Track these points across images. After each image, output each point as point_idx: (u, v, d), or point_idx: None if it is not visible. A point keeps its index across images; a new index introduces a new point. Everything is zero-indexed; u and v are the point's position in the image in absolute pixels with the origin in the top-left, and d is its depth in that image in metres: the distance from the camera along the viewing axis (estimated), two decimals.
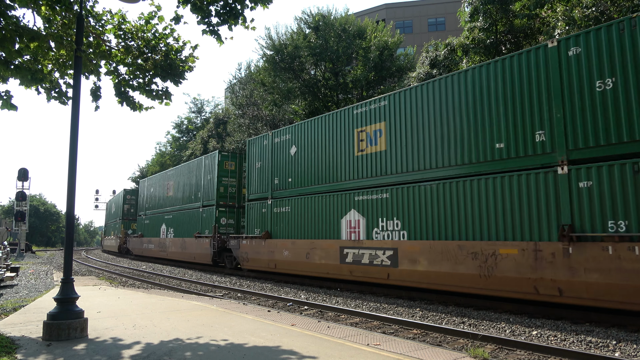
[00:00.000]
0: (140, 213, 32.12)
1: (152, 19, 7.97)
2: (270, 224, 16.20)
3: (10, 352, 5.56)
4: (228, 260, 19.70)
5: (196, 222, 22.52)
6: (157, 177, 29.88)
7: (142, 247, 30.11)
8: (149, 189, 30.87)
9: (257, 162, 17.55)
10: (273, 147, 16.74)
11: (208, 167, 22.01)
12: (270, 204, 16.35)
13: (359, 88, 26.54)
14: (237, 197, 21.33)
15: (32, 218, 70.95)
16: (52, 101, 7.95)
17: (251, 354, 5.57)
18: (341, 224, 13.39)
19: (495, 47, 18.91)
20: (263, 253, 16.26)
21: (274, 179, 16.41)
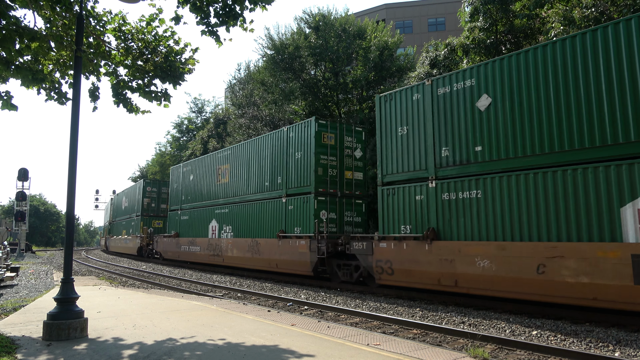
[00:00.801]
0: (173, 207, 26.14)
1: (153, 21, 7.98)
2: (436, 216, 11.08)
3: (11, 352, 5.57)
4: (344, 270, 13.89)
5: (276, 217, 16.84)
6: (201, 162, 23.81)
7: (179, 249, 24.23)
8: (187, 176, 24.98)
9: (401, 126, 12.33)
10: (438, 100, 11.45)
11: (298, 140, 16.28)
12: (434, 187, 11.24)
13: (359, 88, 26.55)
14: (338, 182, 15.79)
15: (32, 218, 70.93)
16: (50, 101, 7.95)
17: (251, 354, 5.57)
18: None
19: (496, 47, 18.91)
20: (426, 262, 10.92)
21: (440, 148, 11.26)
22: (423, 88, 11.85)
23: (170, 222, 26.39)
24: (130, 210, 36.19)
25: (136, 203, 34.25)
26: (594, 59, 8.72)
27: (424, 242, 11.05)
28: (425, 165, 11.58)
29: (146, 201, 32.99)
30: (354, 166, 16.27)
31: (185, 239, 23.76)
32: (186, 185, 25.03)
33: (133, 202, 35.50)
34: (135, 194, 34.99)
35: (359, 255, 12.77)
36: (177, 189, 26.09)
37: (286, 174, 16.56)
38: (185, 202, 24.68)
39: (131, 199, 36.42)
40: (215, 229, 20.98)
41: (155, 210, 33.30)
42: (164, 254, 26.69)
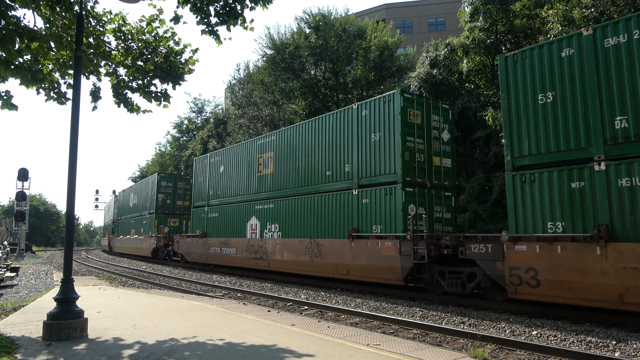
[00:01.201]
0: (199, 203, 22.75)
1: (153, 21, 7.98)
2: (609, 210, 8.32)
3: (10, 352, 5.57)
4: (451, 280, 10.89)
5: (343, 213, 13.72)
6: (235, 150, 20.30)
7: (207, 251, 20.82)
8: (216, 167, 21.57)
9: (543, 92, 9.57)
10: (606, 53, 8.74)
11: (375, 119, 13.25)
12: (603, 169, 8.48)
13: (359, 88, 26.56)
14: (427, 170, 12.87)
15: (32, 218, 70.92)
16: (49, 101, 7.95)
17: (251, 354, 5.57)
18: None
19: (495, 47, 18.91)
20: (598, 272, 8.05)
21: (613, 118, 8.57)
22: (579, 40, 9.15)
23: (194, 220, 22.97)
24: (141, 208, 32.96)
25: (149, 199, 31.07)
26: None
27: (592, 244, 8.19)
28: (587, 141, 8.81)
29: (161, 197, 29.42)
30: (442, 151, 13.47)
31: (215, 240, 20.37)
32: (215, 177, 21.58)
33: (145, 198, 32.32)
34: (148, 190, 31.73)
35: (481, 261, 9.87)
36: (203, 183, 22.64)
37: (358, 160, 13.62)
38: (214, 198, 21.38)
39: (142, 195, 33.26)
40: (256, 228, 17.77)
41: (170, 207, 30.18)
42: (187, 256, 23.11)
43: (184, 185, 30.83)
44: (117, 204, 41.91)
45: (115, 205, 41.91)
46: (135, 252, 32.39)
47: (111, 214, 45.47)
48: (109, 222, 47.23)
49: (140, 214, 33.21)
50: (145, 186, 32.70)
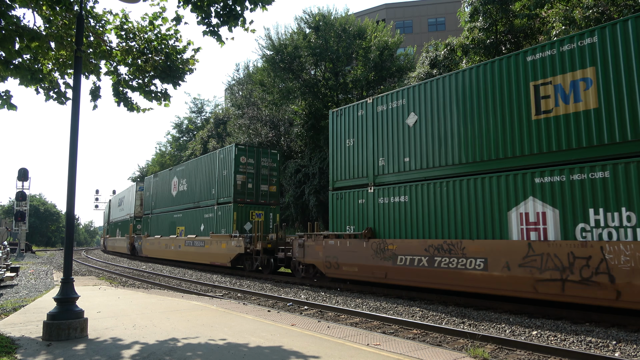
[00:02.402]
0: (346, 183, 14.05)
1: (156, 19, 7.98)
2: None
3: (10, 352, 5.57)
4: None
5: None
6: None
7: (391, 263, 11.89)
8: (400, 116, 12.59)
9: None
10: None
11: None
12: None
13: (359, 88, 26.56)
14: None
15: (32, 218, 70.98)
16: (49, 101, 7.95)
17: (251, 354, 5.57)
18: None
19: (495, 47, 18.92)
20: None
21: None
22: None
23: (338, 209, 14.10)
24: (199, 196, 22.86)
25: (218, 184, 21.17)
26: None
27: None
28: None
29: (240, 179, 19.93)
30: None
31: (418, 243, 11.29)
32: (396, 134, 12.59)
33: (207, 182, 22.23)
34: (214, 169, 21.72)
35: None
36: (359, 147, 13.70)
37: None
38: (395, 170, 12.45)
39: (201, 179, 22.96)
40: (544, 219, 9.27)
41: (252, 194, 20.52)
42: (327, 267, 13.81)
43: (269, 163, 21.16)
44: (140, 194, 32.78)
45: (138, 197, 32.97)
46: (195, 259, 22.14)
47: (129, 208, 35.59)
48: (124, 218, 37.59)
49: (196, 204, 23.24)
50: (209, 164, 22.43)
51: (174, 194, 25.92)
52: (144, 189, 31.29)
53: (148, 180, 30.76)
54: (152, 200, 29.10)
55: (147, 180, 30.89)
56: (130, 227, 33.27)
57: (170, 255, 24.87)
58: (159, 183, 28.30)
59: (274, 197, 20.95)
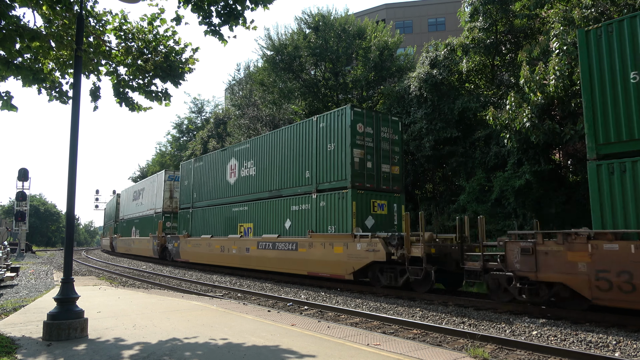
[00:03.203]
0: None
1: (154, 20, 7.98)
2: None
3: (10, 352, 5.57)
4: None
5: None
6: None
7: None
8: None
9: None
10: None
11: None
12: None
13: (359, 88, 26.56)
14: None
15: (32, 218, 70.93)
16: (53, 101, 7.96)
17: (251, 354, 5.57)
18: None
19: (495, 47, 18.91)
20: None
21: None
22: None
23: None
24: (284, 180, 16.58)
25: (313, 162, 15.20)
26: None
27: None
28: None
29: (357, 155, 13.94)
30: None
31: None
32: None
33: (291, 161, 16.32)
34: (300, 143, 15.95)
35: None
36: None
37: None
38: None
39: (279, 157, 16.98)
40: None
41: (373, 177, 14.29)
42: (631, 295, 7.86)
43: (390, 135, 14.93)
44: (171, 184, 27.85)
45: (167, 188, 27.89)
46: (278, 267, 15.99)
47: (153, 201, 29.56)
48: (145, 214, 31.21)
49: (274, 193, 16.88)
50: (297, 138, 16.03)
51: (231, 182, 19.79)
52: (181, 178, 25.00)
53: (186, 166, 24.45)
54: (193, 191, 23.10)
55: (185, 166, 24.65)
56: (160, 224, 26.95)
57: (229, 261, 18.84)
58: (205, 169, 22.25)
59: (397, 182, 14.84)
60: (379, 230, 13.57)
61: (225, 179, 20.48)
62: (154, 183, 30.32)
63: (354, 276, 12.94)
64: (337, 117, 14.34)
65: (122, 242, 36.77)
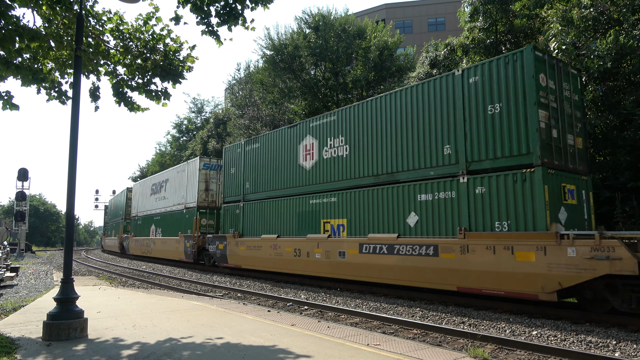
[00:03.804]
0: None
1: (150, 19, 7.98)
2: None
3: (10, 352, 5.56)
4: None
5: None
6: None
7: None
8: None
9: None
10: None
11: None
12: None
13: (359, 88, 26.56)
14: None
15: (32, 218, 70.93)
16: (51, 101, 7.96)
17: (251, 354, 5.57)
18: None
19: (495, 47, 18.90)
20: None
21: None
22: None
23: None
24: (400, 162, 12.15)
25: (451, 132, 11.05)
26: None
27: None
28: None
29: (542, 118, 9.54)
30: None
31: None
32: None
33: (415, 135, 11.87)
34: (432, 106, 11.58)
35: None
36: None
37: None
38: None
39: (387, 131, 12.66)
40: None
41: (561, 151, 10.00)
42: None
43: (571, 94, 10.78)
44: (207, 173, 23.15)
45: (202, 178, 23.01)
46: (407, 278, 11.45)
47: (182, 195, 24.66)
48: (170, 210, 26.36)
49: (381, 178, 12.66)
50: (436, 95, 11.62)
51: (306, 166, 15.34)
52: (225, 165, 19.99)
53: (233, 150, 19.46)
54: (244, 181, 18.53)
55: (232, 150, 19.62)
56: (196, 222, 22.38)
57: (308, 269, 14.42)
58: (262, 152, 17.69)
59: (582, 160, 10.68)
60: (571, 227, 9.72)
61: (297, 162, 15.76)
62: (183, 173, 24.84)
63: (558, 296, 8.63)
64: (505, 65, 10.08)
65: (137, 243, 31.16)
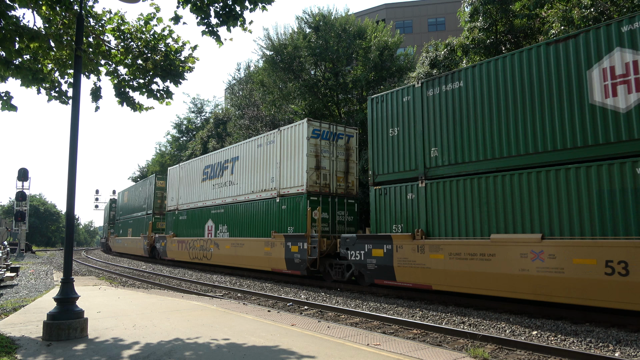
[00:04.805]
0: None
1: (151, 20, 7.98)
2: None
3: (10, 352, 5.56)
4: None
5: None
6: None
7: None
8: None
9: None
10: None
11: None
12: None
13: (359, 88, 26.54)
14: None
15: (32, 218, 70.94)
16: (52, 101, 7.96)
17: (251, 354, 5.57)
18: None
19: (495, 47, 18.90)
20: None
21: None
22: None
23: None
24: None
25: None
26: None
27: None
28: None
29: None
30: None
31: None
32: None
33: None
34: None
35: None
36: None
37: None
38: None
39: None
40: None
41: None
42: None
43: None
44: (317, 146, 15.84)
45: (312, 151, 15.68)
46: None
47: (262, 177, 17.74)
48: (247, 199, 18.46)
49: None
50: None
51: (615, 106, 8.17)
52: (375, 124, 12.83)
53: (391, 99, 12.40)
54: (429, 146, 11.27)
55: (388, 100, 12.56)
56: (308, 214, 14.71)
57: None
58: (470, 95, 10.52)
59: None
60: None
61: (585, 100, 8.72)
62: (270, 145, 17.42)
63: None
64: None
65: (181, 245, 23.16)
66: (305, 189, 15.21)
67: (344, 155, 16.40)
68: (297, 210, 15.53)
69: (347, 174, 16.45)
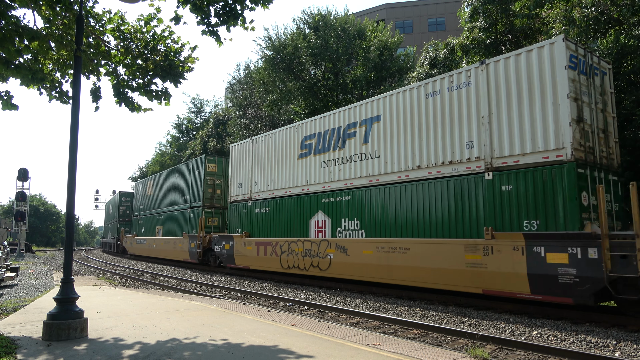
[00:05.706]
0: None
1: (151, 20, 7.98)
2: None
3: (10, 352, 5.57)
4: None
5: None
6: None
7: None
8: None
9: None
10: None
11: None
12: None
13: (358, 88, 26.55)
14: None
15: (32, 218, 70.91)
16: (52, 101, 7.96)
17: (251, 354, 5.57)
18: None
19: (495, 47, 18.89)
20: None
21: None
22: None
23: None
24: None
25: None
26: None
27: None
28: None
29: None
30: None
31: None
32: None
33: None
34: None
35: None
36: None
37: None
38: None
39: None
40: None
41: None
42: None
43: None
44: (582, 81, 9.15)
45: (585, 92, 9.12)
46: None
47: None
48: None
49: None
50: None
51: None
52: None
53: None
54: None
55: None
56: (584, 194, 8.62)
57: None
58: None
59: None
60: None
61: None
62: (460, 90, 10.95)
63: None
64: None
65: (267, 250, 16.70)
66: (570, 155, 8.75)
67: (601, 104, 10.09)
68: (551, 192, 8.94)
69: (607, 134, 10.05)
